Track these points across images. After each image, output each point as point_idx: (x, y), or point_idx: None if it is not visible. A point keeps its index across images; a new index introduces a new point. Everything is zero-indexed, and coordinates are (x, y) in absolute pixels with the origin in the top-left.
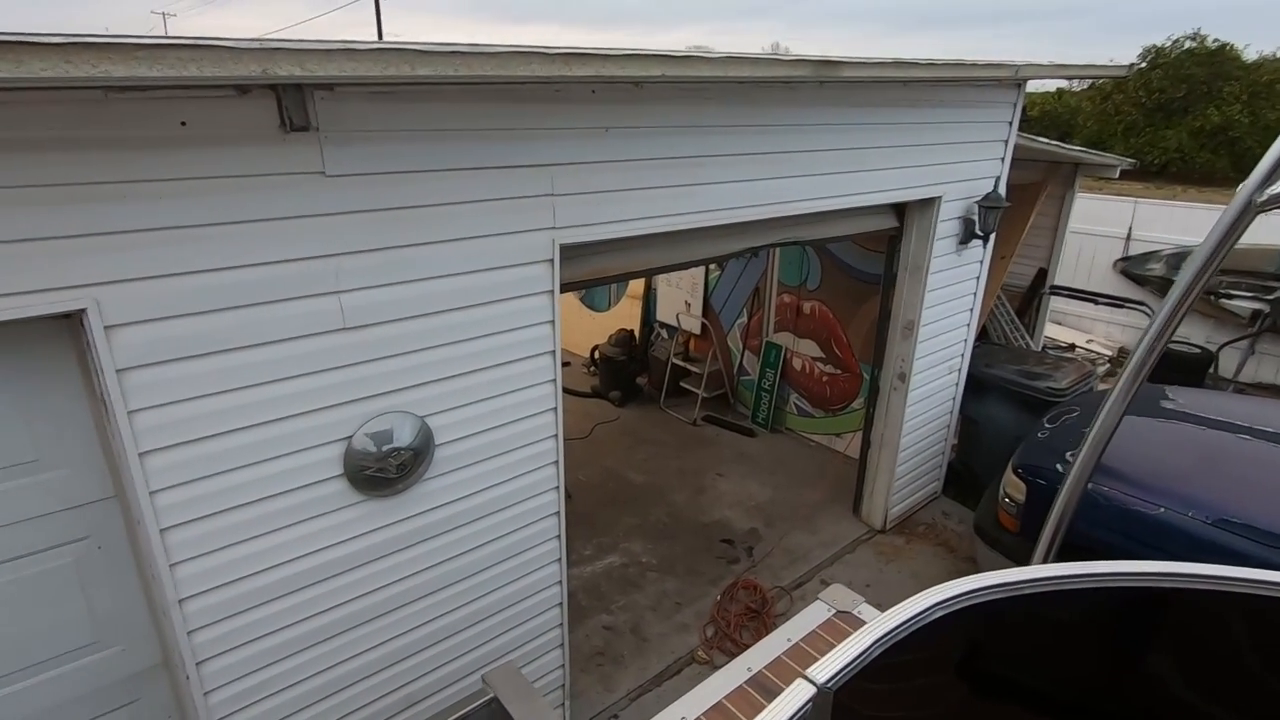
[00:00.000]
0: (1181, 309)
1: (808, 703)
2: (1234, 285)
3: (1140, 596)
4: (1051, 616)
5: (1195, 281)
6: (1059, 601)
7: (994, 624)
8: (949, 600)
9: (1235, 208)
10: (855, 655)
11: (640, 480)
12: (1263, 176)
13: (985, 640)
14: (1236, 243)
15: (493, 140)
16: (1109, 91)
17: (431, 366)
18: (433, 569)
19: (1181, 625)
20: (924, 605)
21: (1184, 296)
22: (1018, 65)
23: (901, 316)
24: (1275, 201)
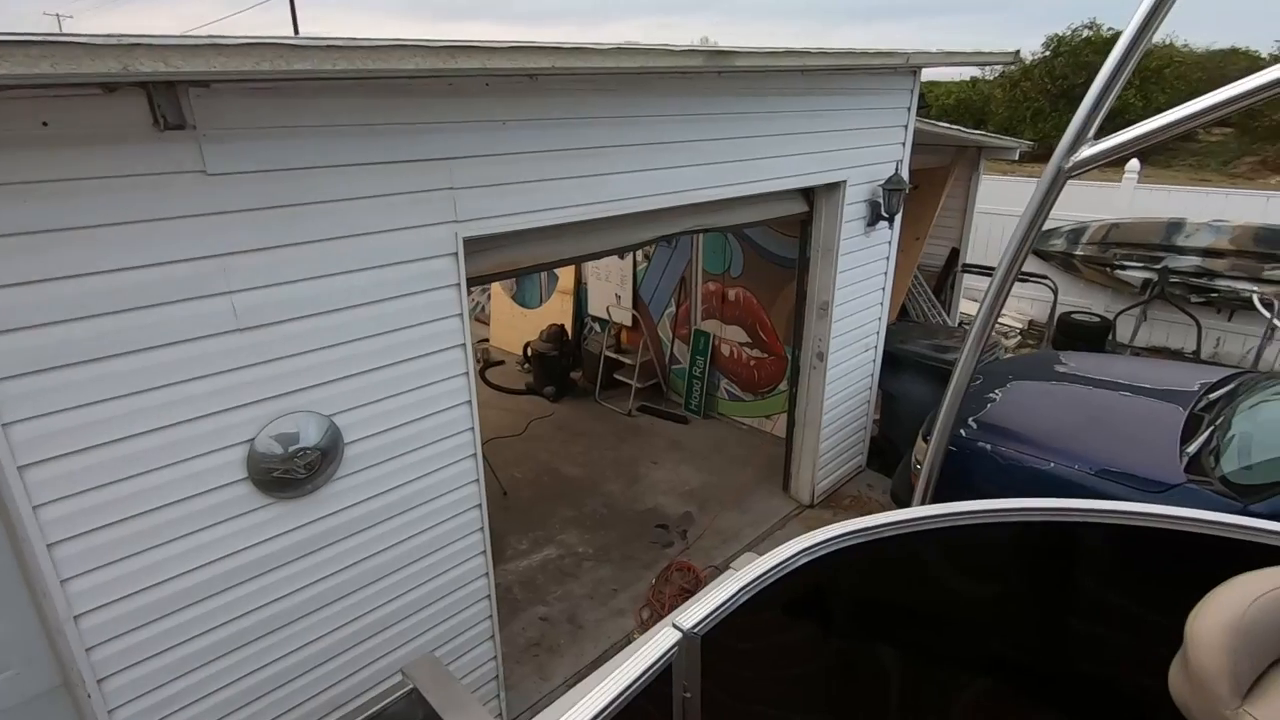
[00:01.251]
0: (1012, 272)
1: (673, 647)
2: (1126, 257)
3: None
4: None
5: (1020, 249)
6: (929, 540)
7: (859, 568)
8: (812, 547)
9: (1048, 176)
10: (721, 601)
11: (576, 473)
12: (1069, 145)
13: (847, 582)
14: (1051, 207)
15: (386, 134)
16: (1017, 79)
17: (336, 364)
18: (350, 569)
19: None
20: (788, 554)
21: (1012, 262)
22: (908, 53)
23: (816, 298)
24: (1080, 166)
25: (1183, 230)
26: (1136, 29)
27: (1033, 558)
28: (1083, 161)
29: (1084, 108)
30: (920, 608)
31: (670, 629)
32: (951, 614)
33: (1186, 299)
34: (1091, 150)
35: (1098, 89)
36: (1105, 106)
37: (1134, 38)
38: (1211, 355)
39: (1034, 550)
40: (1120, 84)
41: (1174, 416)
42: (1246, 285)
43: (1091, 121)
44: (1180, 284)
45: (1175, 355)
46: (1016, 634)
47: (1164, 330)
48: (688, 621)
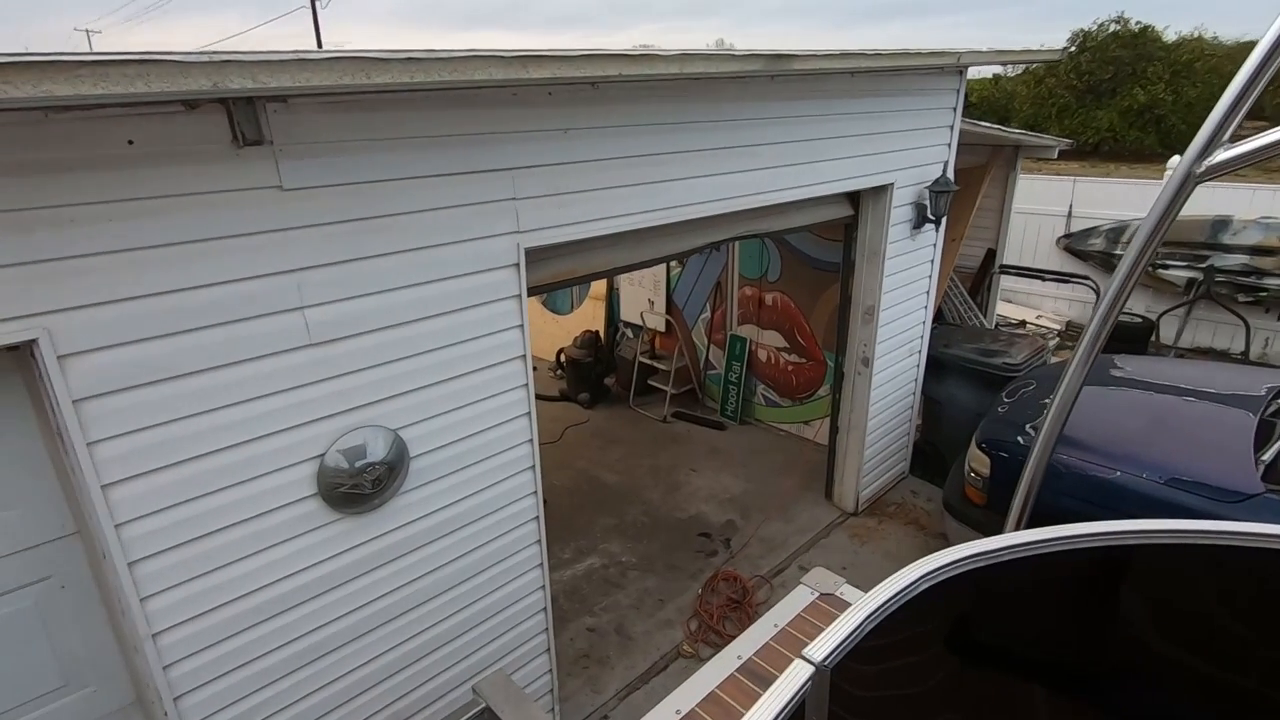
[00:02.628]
0: (1131, 280)
1: (807, 682)
2: (1169, 256)
3: (1108, 555)
4: (1030, 581)
5: (1144, 252)
6: (1037, 566)
7: (977, 593)
8: (935, 571)
9: (1176, 180)
10: (849, 632)
11: (614, 481)
12: (1200, 148)
13: (970, 610)
14: (1179, 212)
15: (452, 146)
16: (1042, 76)
17: (402, 378)
18: (414, 583)
19: (1145, 579)
20: (912, 578)
21: (1134, 267)
22: (959, 53)
23: (861, 302)
24: (1212, 172)
25: (1229, 228)
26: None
27: (1158, 584)
28: (1217, 165)
29: (1219, 110)
30: (1042, 632)
31: (802, 663)
32: (1073, 639)
33: (1233, 298)
34: (1228, 154)
35: (1237, 89)
36: (1245, 108)
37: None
38: (1260, 356)
39: (1159, 576)
40: (1264, 82)
41: (1244, 422)
42: None
43: (1228, 125)
44: (1226, 283)
45: (1221, 356)
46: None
47: (1209, 330)
48: (818, 654)
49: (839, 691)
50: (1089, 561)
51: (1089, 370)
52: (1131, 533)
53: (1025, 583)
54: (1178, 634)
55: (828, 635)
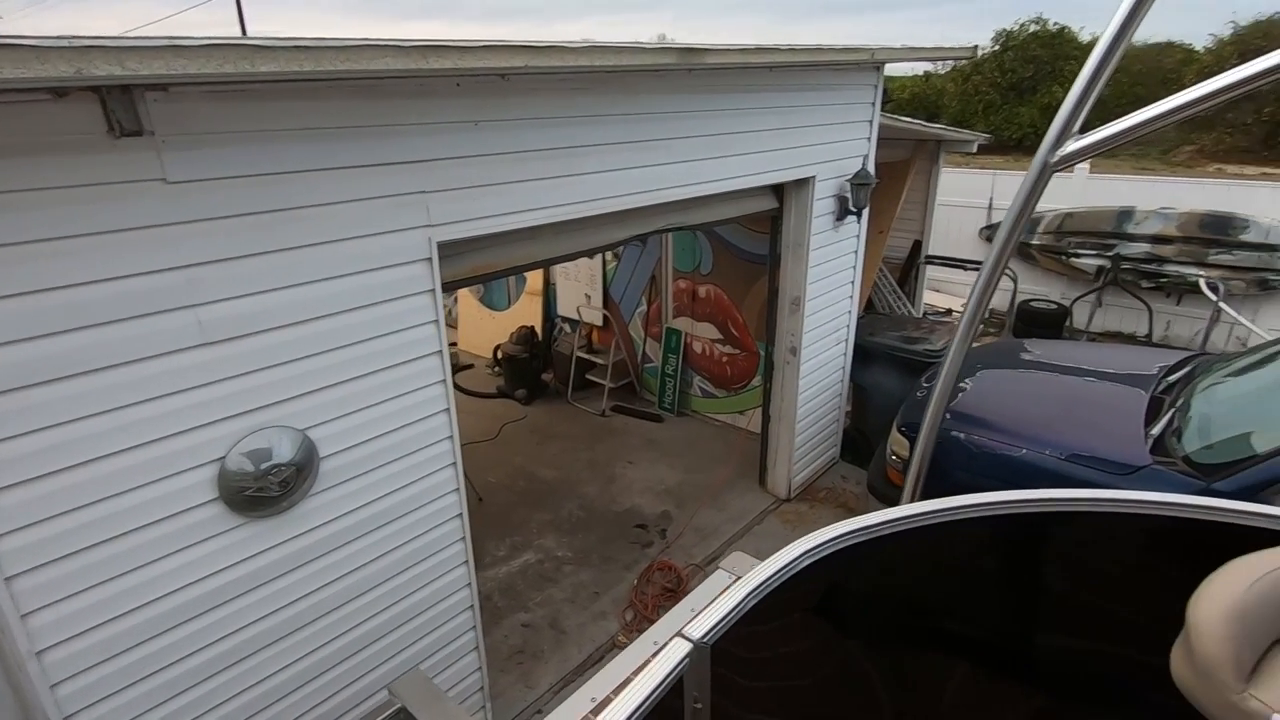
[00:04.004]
0: (1000, 265)
1: (684, 659)
2: (1080, 245)
3: (987, 523)
4: (915, 552)
5: (1010, 238)
6: (920, 536)
7: (860, 566)
8: (816, 548)
9: (1034, 170)
10: (728, 610)
11: (551, 476)
12: (1053, 141)
13: (851, 582)
14: (1039, 200)
15: (357, 138)
16: (969, 73)
17: (308, 376)
18: (330, 585)
19: (1022, 544)
20: (793, 555)
21: (1001, 253)
22: (873, 49)
23: (788, 293)
24: (1065, 161)
25: (1132, 218)
26: (1120, 23)
27: (1027, 547)
28: (1068, 155)
29: (1069, 103)
30: (924, 603)
31: (680, 640)
32: (954, 607)
33: (1138, 284)
34: (1077, 145)
35: (1082, 83)
36: (1090, 101)
37: (1117, 32)
38: (1162, 338)
39: (1028, 540)
40: (1104, 79)
41: (1137, 400)
42: (1193, 270)
43: (1076, 116)
44: (1131, 270)
45: (1129, 339)
46: (1017, 623)
47: (1118, 315)
48: (696, 632)
49: (726, 668)
50: (971, 531)
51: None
52: (1004, 503)
53: (911, 554)
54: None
55: (707, 613)
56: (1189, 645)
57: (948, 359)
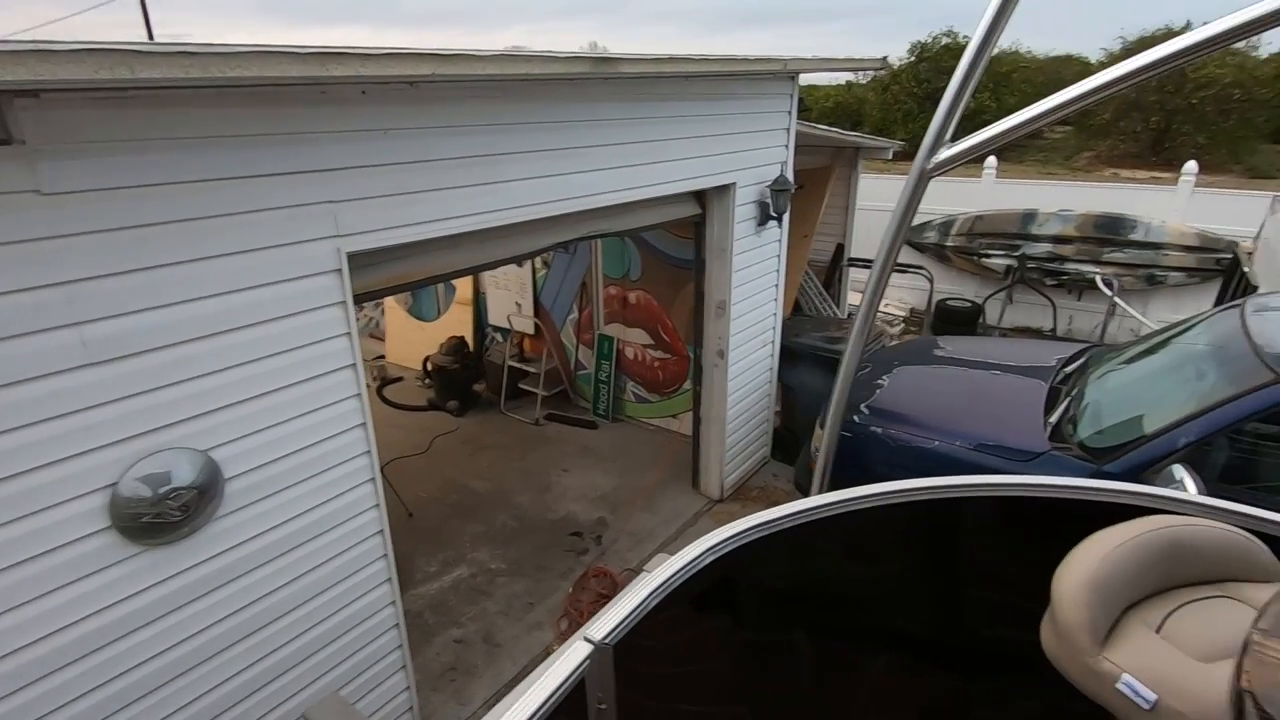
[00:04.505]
0: (888, 267)
1: (585, 660)
2: (990, 246)
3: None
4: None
5: (895, 241)
6: (823, 527)
7: (767, 560)
8: (719, 545)
9: (913, 176)
10: (630, 610)
11: (484, 487)
12: (929, 149)
13: (759, 575)
14: (919, 204)
15: (257, 146)
16: (888, 83)
17: (211, 394)
18: (240, 612)
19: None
20: (696, 553)
21: (887, 256)
22: (785, 59)
23: (714, 297)
24: (939, 168)
25: (1035, 220)
26: (981, 39)
27: (927, 534)
28: (942, 162)
29: (940, 113)
30: (827, 592)
31: (581, 642)
32: (857, 595)
33: (1042, 282)
34: (950, 152)
35: (951, 95)
36: (959, 111)
37: (979, 47)
38: (1066, 332)
39: (927, 527)
40: (970, 90)
41: (1037, 391)
42: (1090, 268)
43: (948, 125)
44: (1036, 269)
45: (1036, 334)
46: (917, 607)
47: (1026, 311)
48: (598, 633)
49: (635, 665)
50: (872, 521)
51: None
52: (899, 492)
53: (816, 545)
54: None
55: (608, 613)
56: (1053, 615)
57: (845, 355)
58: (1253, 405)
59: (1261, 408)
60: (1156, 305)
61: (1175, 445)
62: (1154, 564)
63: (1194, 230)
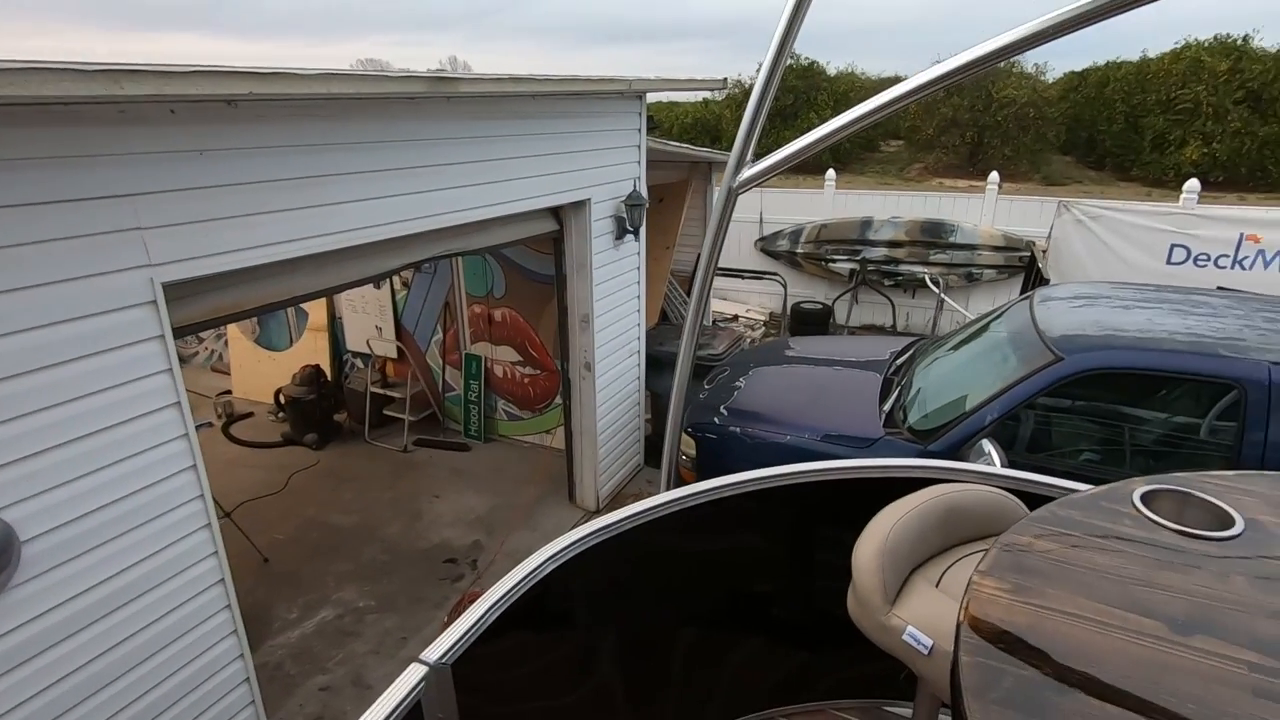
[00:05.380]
0: (709, 277)
1: (420, 683)
2: (835, 251)
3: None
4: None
5: (712, 254)
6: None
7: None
8: (558, 554)
9: (722, 193)
10: (466, 628)
11: (348, 522)
12: (733, 168)
13: (603, 579)
14: (729, 220)
15: (44, 168)
16: (740, 100)
17: (2, 446)
18: (56, 686)
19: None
20: (533, 565)
21: (707, 267)
22: (630, 79)
23: (577, 311)
24: (743, 185)
25: (872, 226)
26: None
27: (766, 520)
28: (745, 180)
29: (740, 135)
30: (676, 587)
31: (415, 665)
32: (703, 587)
33: (881, 283)
34: (751, 171)
35: (749, 118)
36: (756, 133)
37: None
38: (904, 327)
39: (767, 514)
40: (764, 113)
41: (873, 383)
42: (920, 268)
43: (748, 147)
44: (875, 271)
45: (879, 330)
46: (762, 591)
47: (870, 310)
48: (433, 654)
49: (475, 686)
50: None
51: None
52: (731, 485)
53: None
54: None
55: (445, 635)
56: (853, 583)
57: (679, 363)
58: (1040, 383)
59: (1047, 384)
60: (976, 300)
61: (984, 422)
62: (935, 528)
63: (1000, 232)
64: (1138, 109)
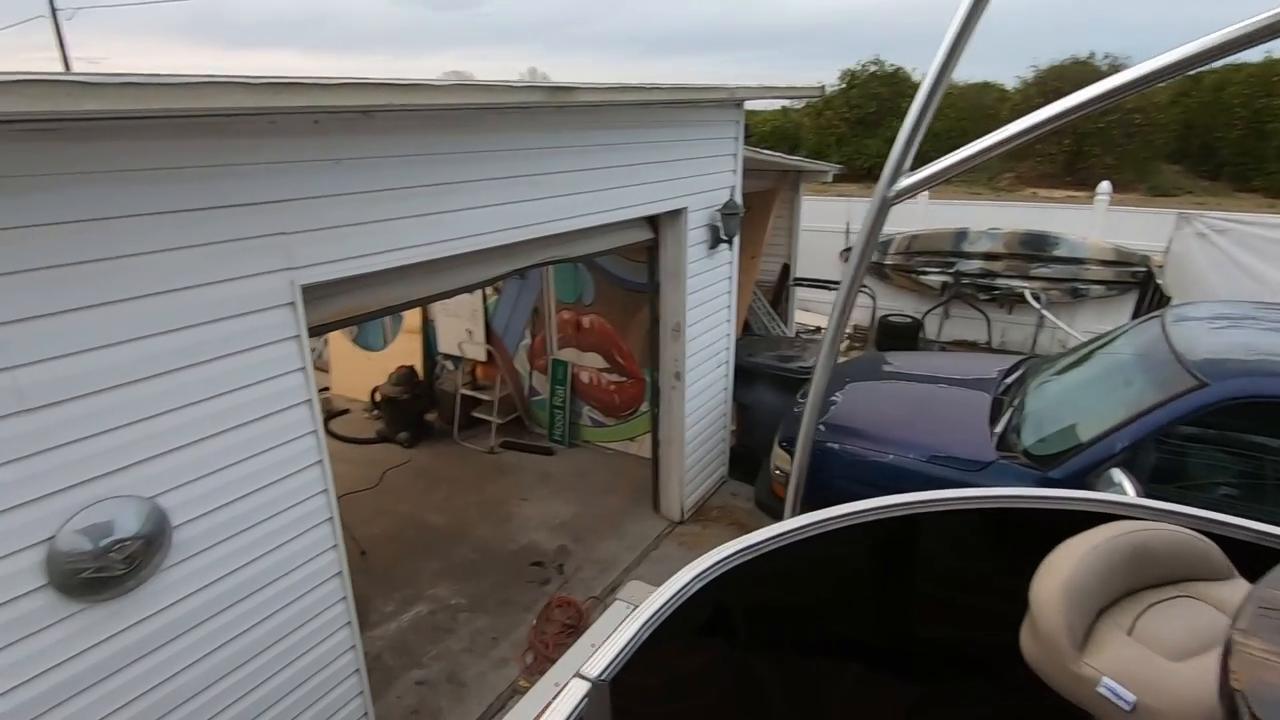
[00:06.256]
0: (854, 288)
1: (583, 699)
2: (926, 263)
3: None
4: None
5: (861, 263)
6: (806, 547)
7: (749, 583)
8: (705, 571)
9: (875, 203)
10: (624, 643)
11: (440, 521)
12: (889, 177)
13: (753, 601)
14: (881, 230)
15: (200, 179)
16: (821, 109)
17: (156, 439)
18: (192, 668)
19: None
20: (684, 581)
21: (854, 277)
22: (733, 87)
23: (669, 320)
24: (900, 195)
25: (967, 238)
26: (938, 70)
27: (898, 548)
28: (902, 190)
29: (900, 142)
30: (810, 611)
31: (577, 680)
32: (836, 611)
33: (976, 297)
34: (909, 180)
35: (910, 124)
36: (918, 139)
37: (936, 78)
38: (1000, 344)
39: (899, 541)
40: (928, 119)
41: (982, 402)
42: (1019, 283)
43: (907, 154)
44: (969, 284)
45: (972, 346)
46: (888, 618)
47: (962, 325)
48: (593, 670)
49: (628, 703)
50: (852, 537)
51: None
52: (873, 510)
53: (800, 566)
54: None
55: (603, 649)
56: (1032, 621)
57: (815, 376)
58: (1179, 410)
59: (1188, 412)
60: (1081, 317)
61: (1113, 450)
62: (1121, 568)
63: (1111, 245)
64: (1262, 114)
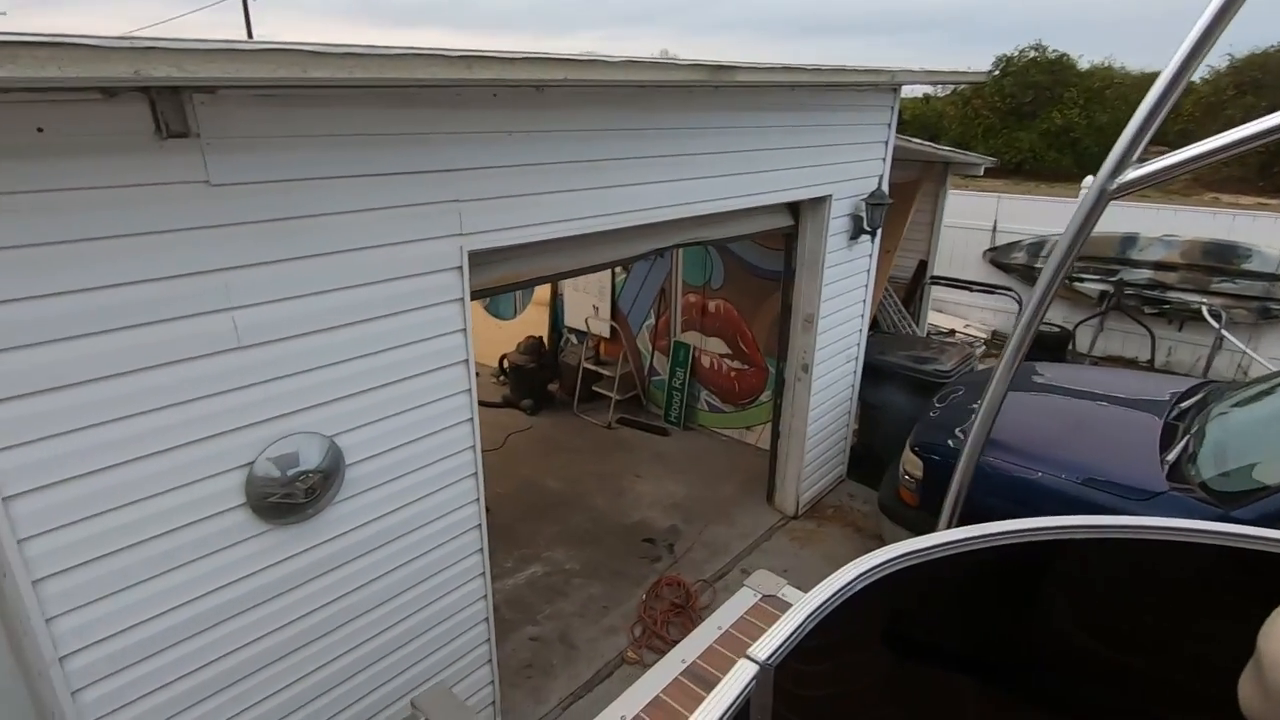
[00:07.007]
0: (1051, 290)
1: (751, 681)
2: (1084, 270)
3: (1030, 551)
4: (961, 577)
5: (1063, 264)
6: (966, 562)
7: (912, 590)
8: (871, 570)
9: (1092, 196)
10: (791, 631)
11: (558, 487)
12: (1113, 167)
13: (905, 607)
14: (1093, 227)
15: (391, 145)
16: (969, 97)
17: (338, 383)
18: (351, 594)
19: (1064, 571)
20: (850, 576)
21: (1053, 278)
22: (893, 70)
23: (802, 310)
24: (1123, 189)
25: (1136, 244)
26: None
27: (1071, 573)
28: (1128, 184)
29: (1129, 131)
30: (972, 626)
31: (746, 663)
32: (999, 631)
33: (1140, 310)
34: (1137, 173)
35: (1144, 113)
36: (1151, 131)
37: (1181, 65)
38: (1164, 364)
39: (1073, 566)
40: (1166, 110)
41: (1151, 425)
42: (1196, 297)
43: (1137, 145)
44: (1135, 296)
45: (1130, 363)
46: (1053, 647)
47: (1119, 340)
48: (762, 654)
49: (781, 690)
50: (1015, 557)
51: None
52: (1051, 529)
53: (957, 579)
54: (1094, 622)
55: (771, 634)
56: (1262, 676)
57: (991, 384)
58: None
59: None
60: (1268, 340)
61: None
62: None
63: None
64: None
